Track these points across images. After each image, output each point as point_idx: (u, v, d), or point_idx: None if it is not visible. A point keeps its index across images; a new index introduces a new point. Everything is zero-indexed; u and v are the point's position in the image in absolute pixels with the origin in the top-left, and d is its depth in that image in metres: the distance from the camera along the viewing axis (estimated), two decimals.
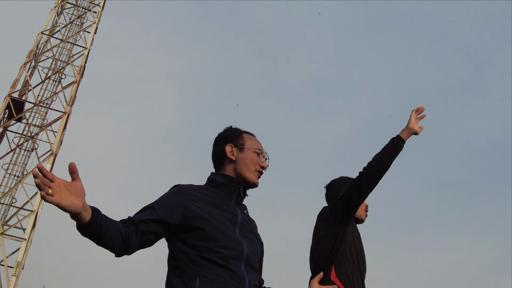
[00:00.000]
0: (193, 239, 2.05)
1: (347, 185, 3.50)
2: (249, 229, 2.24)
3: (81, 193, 1.77)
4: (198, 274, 1.98)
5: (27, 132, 22.37)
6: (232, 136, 2.41)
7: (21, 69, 22.54)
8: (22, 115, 22.10)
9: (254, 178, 2.33)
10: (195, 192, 2.18)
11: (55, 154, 21.19)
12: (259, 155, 2.37)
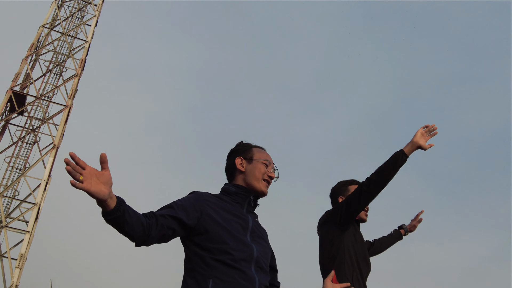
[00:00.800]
0: (206, 242, 2.18)
1: (343, 189, 3.66)
2: (259, 235, 2.38)
3: (109, 182, 1.88)
4: (211, 275, 2.10)
5: (28, 125, 22.46)
6: (242, 150, 2.60)
7: (22, 62, 22.60)
8: (24, 108, 22.18)
9: (262, 187, 2.47)
10: (210, 198, 2.33)
11: (57, 147, 21.27)
12: (267, 166, 2.52)
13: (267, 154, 2.60)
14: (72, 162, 1.80)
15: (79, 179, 1.80)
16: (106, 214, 1.91)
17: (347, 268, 3.28)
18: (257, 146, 2.64)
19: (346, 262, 3.30)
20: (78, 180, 1.79)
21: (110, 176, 1.91)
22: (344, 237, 3.37)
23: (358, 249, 3.41)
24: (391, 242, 4.15)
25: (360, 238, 3.52)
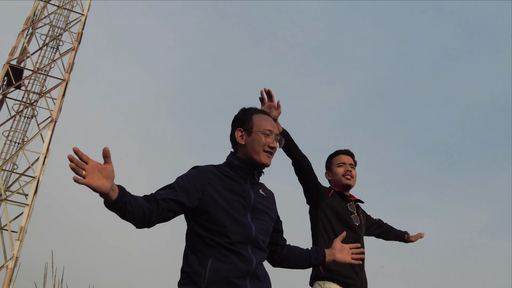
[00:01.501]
0: (206, 222, 2.26)
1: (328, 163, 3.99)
2: (262, 210, 2.41)
3: (111, 176, 1.93)
4: (211, 255, 2.21)
5: (26, 99, 22.51)
6: (242, 120, 2.51)
7: (19, 36, 22.56)
8: (21, 82, 22.21)
9: (262, 159, 2.42)
10: (213, 176, 2.35)
11: (54, 121, 21.35)
12: (268, 136, 2.45)
13: (269, 122, 2.51)
14: (76, 158, 1.85)
15: (82, 174, 1.84)
16: (108, 204, 1.98)
17: (322, 240, 3.51)
18: (258, 112, 2.54)
19: (321, 235, 3.53)
20: (81, 175, 1.84)
21: (113, 169, 1.93)
22: (318, 212, 3.61)
23: (340, 218, 3.60)
24: (394, 238, 4.26)
25: (342, 207, 3.68)
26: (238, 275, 2.19)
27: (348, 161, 3.85)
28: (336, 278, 3.39)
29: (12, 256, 18.74)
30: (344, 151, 3.90)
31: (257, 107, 2.61)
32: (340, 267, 3.42)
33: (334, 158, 3.88)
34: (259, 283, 2.27)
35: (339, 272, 3.40)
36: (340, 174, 3.79)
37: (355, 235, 3.60)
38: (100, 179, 1.88)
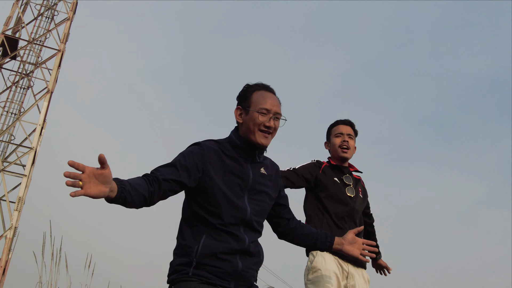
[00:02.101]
0: (203, 201, 2.31)
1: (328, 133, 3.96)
2: (260, 190, 2.42)
3: (108, 180, 1.90)
4: (205, 232, 2.27)
5: (22, 69, 22.42)
6: (242, 98, 2.47)
7: (13, 6, 22.33)
8: (17, 52, 22.06)
9: (258, 139, 2.37)
10: (213, 154, 2.34)
11: (51, 92, 21.28)
12: (265, 115, 2.39)
13: (269, 99, 2.43)
14: (72, 173, 1.81)
15: (79, 185, 1.82)
16: (108, 201, 2.00)
17: (315, 218, 3.57)
18: (260, 89, 2.47)
19: (314, 214, 3.60)
20: (78, 186, 1.82)
21: (110, 173, 1.89)
22: (310, 193, 3.69)
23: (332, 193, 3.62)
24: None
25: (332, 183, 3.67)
26: (231, 252, 2.26)
27: (346, 131, 3.80)
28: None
29: (11, 226, 18.89)
30: (344, 121, 3.85)
31: (262, 83, 2.52)
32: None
33: (333, 128, 3.86)
34: (250, 258, 2.34)
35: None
36: (337, 145, 3.76)
37: (348, 208, 3.61)
38: (97, 185, 1.86)
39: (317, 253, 3.43)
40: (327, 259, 3.40)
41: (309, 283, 3.37)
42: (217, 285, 2.20)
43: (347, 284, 3.44)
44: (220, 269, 2.22)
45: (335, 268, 3.40)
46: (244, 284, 2.30)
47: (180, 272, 2.22)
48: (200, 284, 2.18)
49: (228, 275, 2.24)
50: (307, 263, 3.48)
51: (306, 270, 3.45)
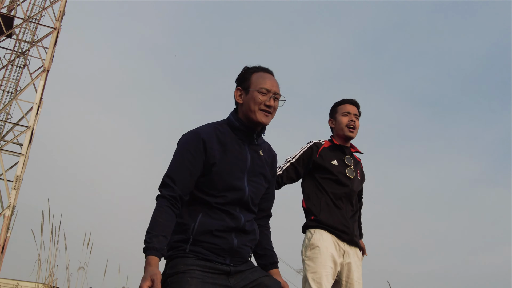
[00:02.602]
0: (201, 184, 2.36)
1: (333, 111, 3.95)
2: (258, 172, 2.49)
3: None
4: (202, 211, 2.32)
5: (18, 48, 22.27)
6: (241, 79, 2.53)
7: None
8: (12, 31, 21.89)
9: (259, 117, 2.43)
10: (213, 139, 2.39)
11: (47, 70, 21.18)
12: (265, 94, 2.44)
13: (268, 80, 2.49)
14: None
15: None
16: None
17: (314, 197, 3.63)
18: (259, 70, 2.53)
19: (313, 192, 3.65)
20: None
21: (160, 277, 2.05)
22: (307, 175, 3.74)
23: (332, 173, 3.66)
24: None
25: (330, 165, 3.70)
26: (226, 229, 2.31)
27: (353, 111, 3.83)
28: (326, 226, 3.51)
29: (9, 204, 18.95)
30: (351, 100, 3.87)
31: (261, 65, 2.58)
32: (330, 221, 3.53)
33: (340, 107, 3.87)
34: (245, 235, 2.38)
35: (328, 223, 3.52)
36: (344, 124, 3.78)
37: (346, 189, 3.66)
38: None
39: (315, 230, 3.50)
40: (324, 236, 3.47)
41: (307, 260, 3.43)
42: (213, 261, 2.25)
43: (343, 262, 3.51)
44: (216, 245, 2.26)
45: (332, 246, 3.47)
46: (240, 260, 2.35)
47: (177, 249, 2.27)
48: (197, 260, 2.23)
49: (224, 252, 2.28)
50: (305, 240, 3.53)
51: (304, 247, 3.51)
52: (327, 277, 3.39)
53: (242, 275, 2.30)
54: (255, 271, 2.36)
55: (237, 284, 2.27)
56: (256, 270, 2.38)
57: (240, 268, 2.32)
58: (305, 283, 3.40)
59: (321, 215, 3.53)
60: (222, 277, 2.25)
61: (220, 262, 2.27)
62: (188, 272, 2.18)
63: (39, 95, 20.66)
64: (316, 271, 3.37)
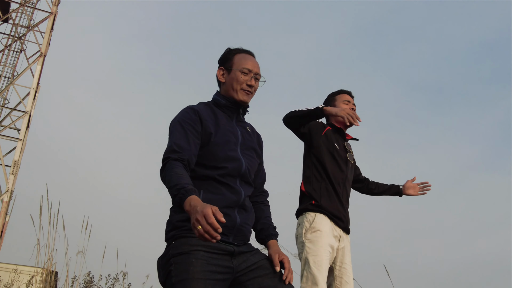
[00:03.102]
0: (200, 158, 2.38)
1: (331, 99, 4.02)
2: (250, 146, 2.54)
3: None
4: (202, 187, 2.33)
5: (14, 33, 22.14)
6: (224, 59, 2.61)
7: None
8: (8, 15, 21.77)
9: (240, 96, 2.52)
10: (206, 115, 2.45)
11: (44, 55, 21.11)
12: (246, 74, 2.53)
13: (250, 61, 2.58)
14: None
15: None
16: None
17: (315, 181, 3.66)
18: (241, 52, 2.62)
19: (313, 176, 3.68)
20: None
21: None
22: (311, 154, 3.75)
23: (334, 157, 3.72)
24: (387, 192, 4.31)
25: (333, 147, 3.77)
26: (228, 205, 2.32)
27: (352, 101, 3.98)
28: (326, 212, 3.56)
29: (7, 189, 18.98)
30: (348, 91, 4.00)
31: (242, 48, 2.66)
32: (329, 204, 3.59)
33: (339, 96, 3.98)
34: (246, 213, 2.41)
35: (330, 211, 3.57)
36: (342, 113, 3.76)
37: (345, 174, 3.77)
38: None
39: (315, 214, 3.54)
40: (324, 222, 3.52)
41: (308, 242, 3.45)
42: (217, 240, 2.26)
43: (338, 246, 3.60)
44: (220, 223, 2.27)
45: (330, 232, 3.55)
46: (242, 239, 2.37)
47: (181, 228, 2.26)
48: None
49: (228, 230, 2.29)
50: (304, 222, 3.54)
51: (304, 229, 3.52)
52: (328, 261, 3.46)
53: (244, 257, 2.31)
54: (255, 254, 2.37)
55: (239, 265, 2.27)
56: (256, 252, 2.39)
57: (242, 249, 2.33)
58: (305, 265, 3.43)
59: (322, 200, 3.57)
60: (226, 258, 2.25)
61: (224, 241, 2.27)
62: (193, 253, 2.17)
63: (36, 80, 20.60)
64: (318, 254, 3.41)
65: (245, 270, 2.28)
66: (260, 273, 2.29)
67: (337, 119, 3.84)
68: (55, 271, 6.19)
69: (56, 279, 7.29)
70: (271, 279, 2.29)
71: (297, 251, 3.61)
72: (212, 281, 2.15)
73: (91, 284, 7.47)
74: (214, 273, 2.17)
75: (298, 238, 3.57)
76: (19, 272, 9.69)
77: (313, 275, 3.35)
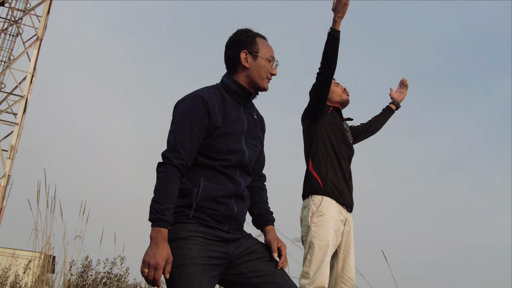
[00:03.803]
0: (201, 147, 2.33)
1: None
2: (254, 135, 2.50)
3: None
4: (202, 175, 2.30)
5: (10, 16, 22.00)
6: (247, 42, 2.49)
7: None
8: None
9: (265, 85, 2.49)
10: (214, 102, 2.37)
11: (40, 39, 21.01)
12: (270, 62, 2.49)
13: (271, 48, 2.54)
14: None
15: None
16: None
17: (321, 155, 3.65)
18: (260, 36, 2.55)
19: (320, 150, 3.66)
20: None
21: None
22: (318, 127, 3.72)
23: (337, 134, 3.75)
24: (384, 118, 4.40)
25: (340, 123, 3.83)
26: (228, 195, 2.32)
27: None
28: (334, 194, 3.56)
29: (4, 174, 19.00)
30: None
31: (254, 30, 2.58)
32: (336, 183, 3.60)
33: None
34: (242, 202, 2.41)
35: (337, 188, 3.58)
36: (340, 90, 3.98)
37: (350, 152, 3.84)
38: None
39: (322, 197, 3.52)
40: (331, 205, 3.52)
41: (314, 226, 3.44)
42: (214, 228, 2.26)
43: (344, 230, 3.61)
44: (218, 212, 2.27)
45: (337, 216, 3.54)
46: (237, 227, 2.37)
47: (180, 214, 2.25)
48: (199, 226, 2.23)
49: (225, 218, 2.30)
50: (311, 206, 3.52)
51: (310, 212, 3.50)
52: (334, 246, 3.46)
53: (238, 243, 2.34)
54: (249, 239, 2.39)
55: (234, 251, 2.30)
56: (249, 238, 2.41)
57: (237, 235, 2.35)
58: (309, 249, 3.42)
59: (328, 175, 3.57)
60: (221, 244, 2.27)
61: (221, 229, 2.28)
62: (190, 238, 2.19)
63: (32, 64, 20.53)
64: (323, 239, 3.39)
65: (239, 255, 2.31)
66: (253, 257, 2.32)
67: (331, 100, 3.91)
68: (53, 256, 6.20)
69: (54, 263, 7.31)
70: (264, 263, 2.32)
71: (301, 233, 3.60)
72: (209, 266, 2.18)
73: (89, 268, 7.49)
74: (211, 258, 2.20)
75: (303, 220, 3.55)
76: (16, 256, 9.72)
77: (317, 259, 3.35)
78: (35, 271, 6.66)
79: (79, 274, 7.38)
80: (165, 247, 2.09)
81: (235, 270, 2.30)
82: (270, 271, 2.31)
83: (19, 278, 8.47)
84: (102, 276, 7.57)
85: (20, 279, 8.41)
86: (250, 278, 2.30)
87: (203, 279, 2.14)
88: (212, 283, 2.19)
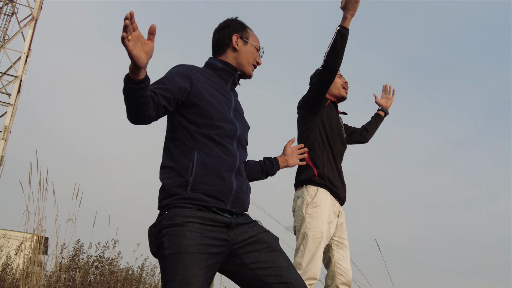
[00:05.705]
0: (193, 115, 2.27)
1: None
2: (241, 114, 2.49)
3: (150, 54, 1.93)
4: (196, 148, 2.22)
5: None
6: (239, 28, 2.59)
7: None
8: None
9: (250, 70, 2.58)
10: (197, 72, 2.36)
11: (35, 19, 20.83)
12: (257, 51, 2.60)
13: (258, 38, 2.65)
14: (128, 21, 1.84)
15: (128, 37, 1.85)
16: (132, 81, 1.95)
17: (318, 147, 3.59)
18: (248, 27, 2.65)
19: (317, 142, 3.61)
20: (127, 37, 1.84)
21: (153, 49, 1.94)
22: (316, 119, 3.66)
23: (333, 128, 3.70)
24: (375, 126, 4.37)
25: (336, 118, 3.79)
26: (225, 168, 2.24)
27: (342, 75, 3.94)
28: (329, 186, 3.52)
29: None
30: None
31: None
32: (331, 177, 3.55)
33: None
34: (242, 179, 2.33)
35: (330, 180, 3.54)
36: (340, 84, 3.89)
37: (343, 147, 3.79)
38: (141, 51, 1.90)
39: (317, 188, 3.48)
40: (326, 197, 3.48)
41: (308, 217, 3.39)
42: (213, 210, 2.17)
43: (338, 222, 3.58)
44: (217, 187, 2.19)
45: (331, 208, 3.51)
46: (239, 208, 2.28)
47: (175, 197, 2.17)
48: (196, 211, 2.13)
49: (224, 195, 2.21)
50: (305, 197, 3.47)
51: (305, 203, 3.45)
52: (327, 238, 3.43)
53: (241, 229, 2.23)
54: (254, 226, 2.28)
55: (235, 238, 2.19)
56: (255, 225, 2.30)
57: (240, 220, 2.25)
58: (302, 240, 3.37)
59: (324, 169, 3.53)
60: (222, 230, 2.17)
61: (221, 208, 2.19)
62: (187, 225, 2.09)
63: (27, 44, 20.36)
64: (318, 230, 3.36)
65: (242, 243, 2.20)
66: (258, 247, 2.21)
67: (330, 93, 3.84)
68: (45, 237, 6.17)
69: (46, 245, 7.27)
70: (269, 254, 2.21)
71: (293, 224, 3.55)
72: (206, 254, 2.08)
73: (80, 252, 7.45)
74: (209, 246, 2.10)
75: (297, 211, 3.50)
76: (8, 237, 9.68)
77: (310, 250, 3.31)
78: (27, 252, 6.64)
79: (71, 257, 7.34)
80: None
81: (237, 260, 2.20)
82: (275, 263, 2.20)
83: (11, 259, 8.43)
84: (94, 260, 7.54)
85: (12, 260, 8.37)
86: (253, 269, 2.19)
87: (198, 269, 2.04)
88: (208, 273, 2.09)
